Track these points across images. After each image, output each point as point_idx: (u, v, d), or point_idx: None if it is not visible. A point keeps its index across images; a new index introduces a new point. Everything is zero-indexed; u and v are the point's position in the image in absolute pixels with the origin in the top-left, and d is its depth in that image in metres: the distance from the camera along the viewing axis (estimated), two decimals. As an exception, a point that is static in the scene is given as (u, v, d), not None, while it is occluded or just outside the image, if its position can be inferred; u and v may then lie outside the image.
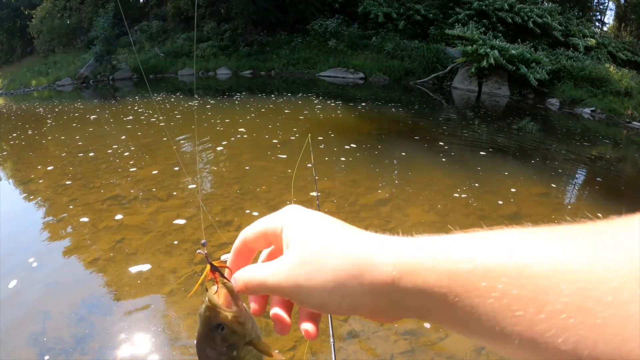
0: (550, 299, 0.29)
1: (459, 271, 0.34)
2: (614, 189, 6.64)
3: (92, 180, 5.80)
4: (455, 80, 18.34)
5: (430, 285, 0.35)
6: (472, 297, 0.33)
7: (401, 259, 0.38)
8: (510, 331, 0.31)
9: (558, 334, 0.29)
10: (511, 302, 0.31)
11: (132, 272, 3.63)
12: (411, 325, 3.12)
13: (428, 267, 0.36)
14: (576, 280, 0.29)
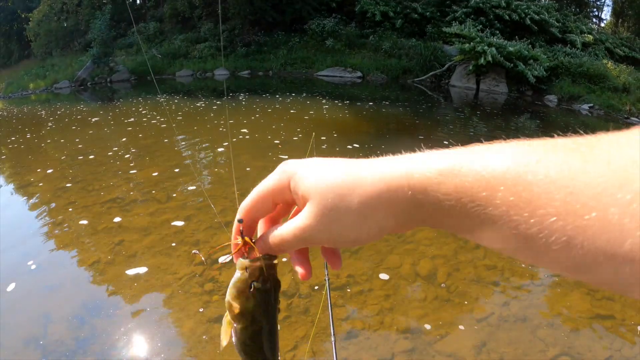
0: (542, 203, 0.33)
1: (464, 184, 0.37)
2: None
3: (91, 183, 5.81)
4: (453, 78, 18.34)
5: (439, 199, 0.39)
6: (475, 206, 0.37)
7: (413, 178, 0.41)
8: (508, 235, 0.35)
9: (550, 235, 0.32)
10: (509, 209, 0.35)
11: (131, 274, 3.64)
12: (412, 324, 3.14)
13: (436, 183, 0.39)
14: (565, 186, 0.32)
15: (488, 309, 3.34)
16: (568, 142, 0.36)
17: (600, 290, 3.61)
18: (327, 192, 0.45)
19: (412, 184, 0.41)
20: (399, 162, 0.43)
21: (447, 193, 0.38)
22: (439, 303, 3.36)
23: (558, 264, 0.34)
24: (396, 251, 4.03)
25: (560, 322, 3.25)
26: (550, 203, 0.32)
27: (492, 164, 0.37)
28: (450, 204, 0.38)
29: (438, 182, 0.39)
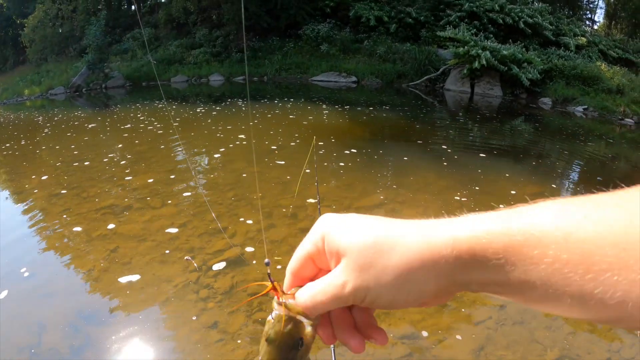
0: (596, 260, 0.33)
1: (513, 243, 0.37)
2: (607, 186, 6.63)
3: (86, 190, 5.78)
4: (447, 82, 18.40)
5: (488, 258, 0.39)
6: (526, 265, 0.37)
7: (459, 239, 0.40)
8: (562, 292, 0.35)
9: (605, 291, 0.33)
10: (562, 266, 0.35)
11: (126, 282, 3.61)
12: (409, 330, 3.12)
13: (485, 243, 0.39)
14: (617, 242, 0.33)
15: (485, 313, 3.33)
16: (611, 197, 0.37)
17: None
18: (366, 248, 0.43)
19: (457, 245, 0.40)
20: (443, 223, 0.43)
21: (496, 252, 0.38)
22: (436, 308, 3.35)
23: (610, 317, 0.35)
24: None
25: (558, 324, 3.24)
26: (603, 259, 0.33)
27: (540, 222, 0.37)
28: (499, 264, 0.38)
29: (487, 241, 0.39)
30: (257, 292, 0.55)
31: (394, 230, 0.44)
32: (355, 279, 0.44)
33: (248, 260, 3.92)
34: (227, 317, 3.17)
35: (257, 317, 3.15)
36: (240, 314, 3.21)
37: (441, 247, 0.40)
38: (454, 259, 0.40)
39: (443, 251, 0.40)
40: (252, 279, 3.61)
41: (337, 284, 0.45)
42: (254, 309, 3.25)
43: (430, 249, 0.41)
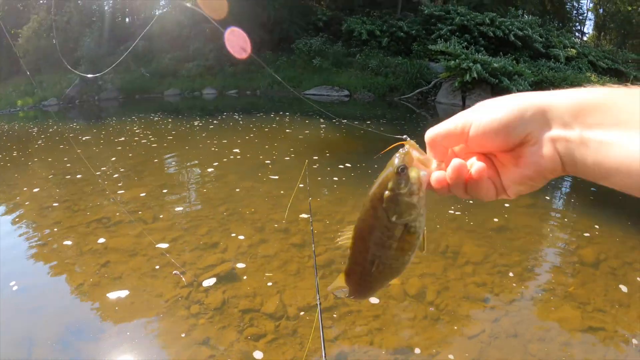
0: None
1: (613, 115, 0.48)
2: (599, 196, 6.70)
3: (77, 203, 5.75)
4: (439, 94, 18.54)
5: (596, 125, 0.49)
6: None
7: (573, 104, 0.51)
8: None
9: None
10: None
11: (116, 297, 3.57)
12: (402, 344, 3.11)
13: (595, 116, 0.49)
14: None
15: (479, 326, 3.32)
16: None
17: (591, 303, 3.62)
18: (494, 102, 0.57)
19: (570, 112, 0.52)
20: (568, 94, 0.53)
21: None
22: (429, 322, 3.34)
23: None
24: (385, 270, 4.00)
25: (552, 336, 3.24)
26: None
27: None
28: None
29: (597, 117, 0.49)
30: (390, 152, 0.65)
31: (520, 94, 0.55)
32: (482, 115, 0.56)
33: (239, 275, 3.90)
34: (218, 333, 3.14)
35: (248, 334, 3.13)
36: (232, 330, 3.18)
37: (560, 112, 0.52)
38: (567, 121, 0.51)
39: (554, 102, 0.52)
40: (243, 295, 3.58)
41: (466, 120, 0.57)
42: (245, 325, 3.22)
43: (551, 108, 0.52)
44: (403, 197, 0.60)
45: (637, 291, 3.86)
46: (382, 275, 0.69)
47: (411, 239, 0.63)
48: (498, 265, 4.19)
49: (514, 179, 0.57)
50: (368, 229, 0.64)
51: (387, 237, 0.63)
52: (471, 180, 0.58)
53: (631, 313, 3.54)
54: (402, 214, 0.61)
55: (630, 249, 4.67)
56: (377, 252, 0.65)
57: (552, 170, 0.53)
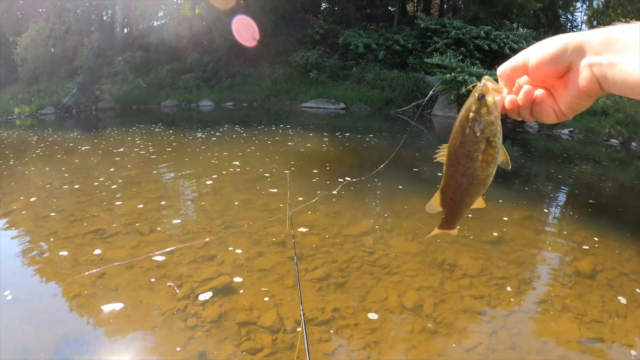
0: None
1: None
2: (595, 207, 6.73)
3: (73, 213, 5.73)
4: (435, 108, 18.63)
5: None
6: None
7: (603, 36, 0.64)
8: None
9: None
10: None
11: (112, 309, 3.55)
12: (399, 357, 3.10)
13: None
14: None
15: (476, 339, 3.32)
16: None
17: (588, 314, 3.63)
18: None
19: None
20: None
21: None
22: (426, 335, 3.34)
23: None
24: (382, 284, 4.01)
25: (550, 348, 3.24)
26: None
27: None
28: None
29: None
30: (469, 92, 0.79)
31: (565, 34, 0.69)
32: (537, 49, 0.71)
33: (236, 288, 3.88)
34: (215, 347, 3.12)
35: (245, 347, 3.11)
36: (229, 343, 3.17)
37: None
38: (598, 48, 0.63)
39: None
40: (240, 308, 3.57)
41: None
42: (242, 338, 3.21)
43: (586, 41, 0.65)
44: (484, 116, 0.76)
45: (634, 302, 3.87)
46: (472, 186, 0.85)
47: (493, 151, 0.80)
48: (495, 277, 4.20)
49: (566, 101, 0.72)
50: (459, 144, 0.80)
51: (474, 149, 0.79)
52: (536, 102, 0.75)
53: (628, 324, 3.54)
54: (484, 129, 0.77)
55: (627, 260, 4.70)
56: (466, 163, 0.81)
57: (591, 89, 0.66)
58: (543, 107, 0.74)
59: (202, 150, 10.26)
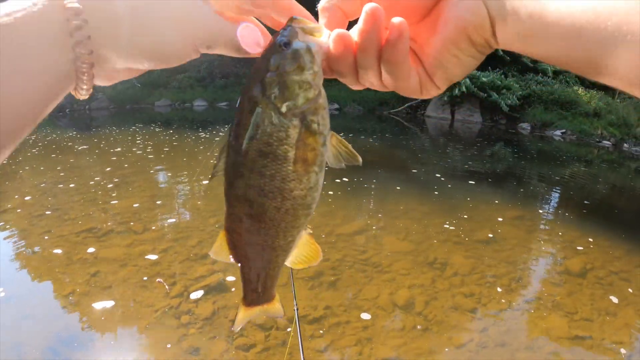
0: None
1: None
2: (586, 207, 6.79)
3: (68, 212, 5.72)
4: (428, 109, 18.67)
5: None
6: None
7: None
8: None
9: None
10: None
11: (106, 307, 3.57)
12: (391, 354, 3.13)
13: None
14: None
15: (467, 336, 3.35)
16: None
17: (578, 312, 3.68)
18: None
19: None
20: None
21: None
22: (417, 332, 3.37)
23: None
24: (374, 282, 4.04)
25: (540, 345, 3.28)
26: None
27: None
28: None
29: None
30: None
31: None
32: None
33: (229, 286, 3.90)
34: (208, 343, 3.15)
35: (238, 344, 3.13)
36: (222, 340, 3.19)
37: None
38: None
39: None
40: (233, 305, 3.59)
41: None
42: (236, 335, 3.23)
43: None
44: (291, 75, 0.46)
45: (624, 300, 3.92)
46: (284, 213, 0.50)
47: (314, 141, 0.47)
48: (486, 276, 4.24)
49: (435, 53, 0.46)
50: (250, 135, 0.47)
51: (280, 141, 0.46)
52: (390, 43, 0.44)
53: (617, 322, 3.59)
54: (296, 97, 0.46)
55: (617, 259, 4.75)
56: (266, 169, 0.47)
57: (477, 26, 0.42)
58: (401, 48, 0.44)
59: (200, 151, 10.26)
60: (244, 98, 0.48)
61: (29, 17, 0.41)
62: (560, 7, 0.37)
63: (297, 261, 0.58)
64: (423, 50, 0.48)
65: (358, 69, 0.48)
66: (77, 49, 0.43)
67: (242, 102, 0.48)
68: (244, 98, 0.48)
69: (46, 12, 0.42)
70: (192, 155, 9.66)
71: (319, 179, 0.50)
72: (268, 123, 0.46)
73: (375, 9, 0.43)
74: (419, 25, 0.47)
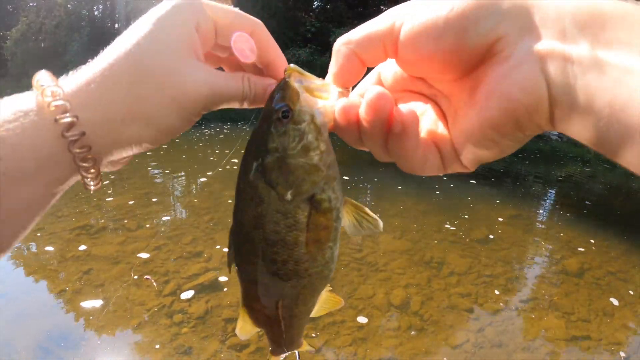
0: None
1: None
2: (582, 207, 6.78)
3: (61, 209, 5.67)
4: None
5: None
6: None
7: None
8: None
9: None
10: None
11: (98, 305, 3.52)
12: (386, 354, 3.10)
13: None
14: None
15: (463, 336, 3.33)
16: None
17: (575, 312, 3.66)
18: None
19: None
20: None
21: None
22: (413, 332, 3.34)
23: None
24: (369, 281, 4.01)
25: (537, 345, 3.26)
26: None
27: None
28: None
29: None
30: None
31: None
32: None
33: (223, 285, 3.86)
34: (201, 343, 3.11)
35: (232, 343, 3.10)
36: (215, 339, 3.15)
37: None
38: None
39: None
40: (226, 304, 3.55)
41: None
42: (229, 334, 3.19)
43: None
44: (296, 157, 0.40)
45: (621, 300, 3.90)
46: (301, 289, 0.47)
47: (326, 220, 0.43)
48: (482, 275, 4.21)
49: (468, 133, 0.37)
50: (254, 223, 0.43)
51: (288, 229, 0.42)
52: (394, 135, 0.38)
53: (615, 322, 3.57)
54: (302, 182, 0.41)
55: (614, 259, 4.73)
56: (278, 255, 0.43)
57: (531, 109, 0.32)
58: (410, 136, 0.38)
59: (199, 148, 10.22)
60: (243, 182, 0.44)
61: (19, 127, 0.39)
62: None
63: (318, 312, 0.57)
64: (454, 119, 0.40)
65: (363, 141, 0.43)
66: (72, 149, 0.40)
67: (241, 187, 0.44)
68: (243, 182, 0.44)
69: (33, 118, 0.40)
70: (190, 153, 9.61)
71: (334, 251, 0.47)
72: (273, 211, 0.42)
73: (376, 99, 0.37)
74: (456, 84, 0.39)
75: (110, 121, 0.42)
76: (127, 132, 0.42)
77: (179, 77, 0.42)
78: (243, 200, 0.44)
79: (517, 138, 0.36)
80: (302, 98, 0.41)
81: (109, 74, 0.43)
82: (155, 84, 0.42)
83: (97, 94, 0.42)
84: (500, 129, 0.35)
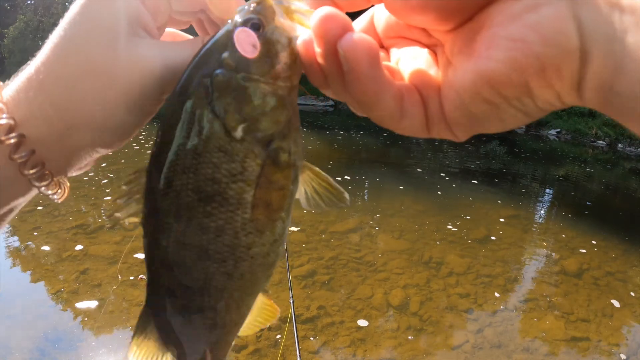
0: None
1: None
2: (581, 207, 6.77)
3: (58, 208, 5.64)
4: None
5: None
6: None
7: None
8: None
9: None
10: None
11: (95, 305, 3.50)
12: (385, 355, 3.09)
13: None
14: None
15: (462, 337, 3.31)
16: None
17: (575, 313, 3.65)
18: None
19: None
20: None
21: None
22: (412, 332, 3.32)
23: None
24: (367, 281, 3.99)
25: (536, 346, 3.25)
26: None
27: None
28: None
29: None
30: None
31: None
32: None
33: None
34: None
35: (230, 343, 3.08)
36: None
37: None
38: None
39: None
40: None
41: None
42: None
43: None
44: (259, 83, 0.30)
45: (620, 300, 3.90)
46: (238, 285, 0.34)
47: (283, 177, 0.32)
48: (481, 276, 4.20)
49: (459, 81, 0.28)
50: (181, 168, 0.31)
51: (231, 178, 0.31)
52: (348, 73, 0.28)
53: (614, 322, 3.57)
54: (259, 119, 0.30)
55: (613, 260, 4.73)
56: (211, 221, 0.32)
57: (550, 65, 0.24)
58: (368, 77, 0.28)
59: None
60: (177, 100, 0.32)
61: None
62: None
63: (249, 328, 0.41)
64: (447, 71, 0.30)
65: (328, 83, 0.32)
66: (24, 171, 0.36)
67: (172, 109, 0.32)
68: (177, 100, 0.32)
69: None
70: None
71: (285, 228, 0.35)
72: (213, 149, 0.30)
73: (322, 22, 0.27)
74: (456, 34, 0.30)
75: (56, 132, 0.37)
76: (75, 140, 0.38)
77: (119, 63, 0.35)
78: (170, 127, 0.31)
79: (525, 107, 0.27)
80: (277, 19, 0.31)
81: (44, 77, 0.37)
82: (92, 77, 0.36)
83: (37, 103, 0.37)
84: (500, 88, 0.26)
